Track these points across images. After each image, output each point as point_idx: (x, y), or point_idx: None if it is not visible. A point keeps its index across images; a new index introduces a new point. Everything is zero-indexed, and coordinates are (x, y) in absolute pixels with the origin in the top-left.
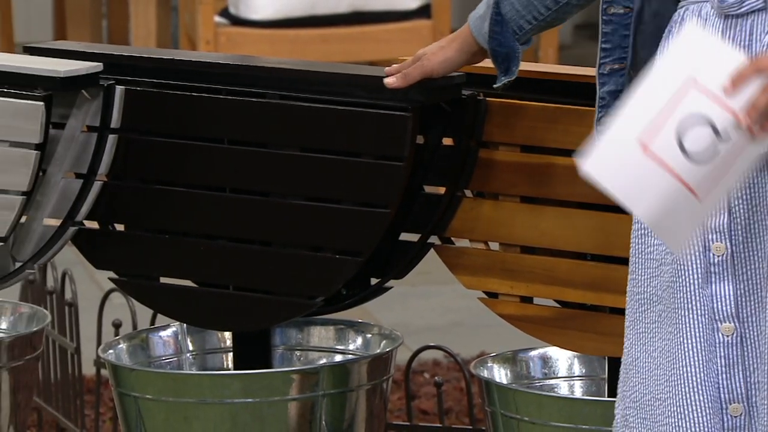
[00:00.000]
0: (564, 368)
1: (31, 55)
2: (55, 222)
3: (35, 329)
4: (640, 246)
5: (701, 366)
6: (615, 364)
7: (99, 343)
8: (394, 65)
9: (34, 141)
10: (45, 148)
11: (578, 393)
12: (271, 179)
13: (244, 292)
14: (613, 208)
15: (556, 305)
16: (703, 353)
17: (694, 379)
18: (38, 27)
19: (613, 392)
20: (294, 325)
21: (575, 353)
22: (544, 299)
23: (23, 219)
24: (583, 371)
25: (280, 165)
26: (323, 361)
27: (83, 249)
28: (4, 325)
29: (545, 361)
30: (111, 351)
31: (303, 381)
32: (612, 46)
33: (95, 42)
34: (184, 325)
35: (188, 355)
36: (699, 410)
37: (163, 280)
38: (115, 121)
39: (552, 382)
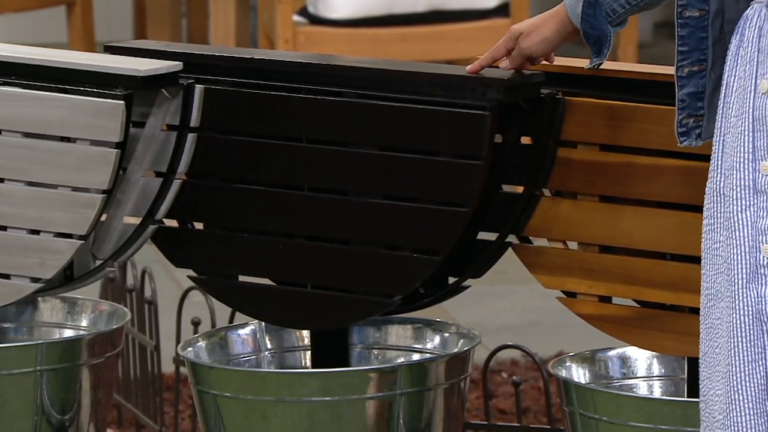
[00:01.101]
0: (643, 368)
1: (111, 54)
2: (135, 220)
3: (115, 327)
4: (708, 242)
5: (745, 366)
6: (694, 364)
7: (178, 340)
8: (496, 49)
9: (115, 139)
10: (125, 146)
11: (657, 393)
12: (349, 178)
13: (322, 290)
14: (693, 207)
15: (635, 305)
16: (747, 353)
17: (737, 377)
18: (118, 26)
19: (692, 392)
20: (372, 324)
21: (654, 353)
22: (623, 299)
23: (103, 217)
24: (663, 371)
25: (358, 164)
26: (401, 360)
27: (162, 247)
28: (84, 323)
29: (624, 361)
30: (190, 349)
31: (381, 380)
32: (689, 49)
33: (175, 41)
34: (263, 323)
35: (266, 353)
36: (741, 409)
37: (241, 278)
38: (194, 119)
39: (631, 382)
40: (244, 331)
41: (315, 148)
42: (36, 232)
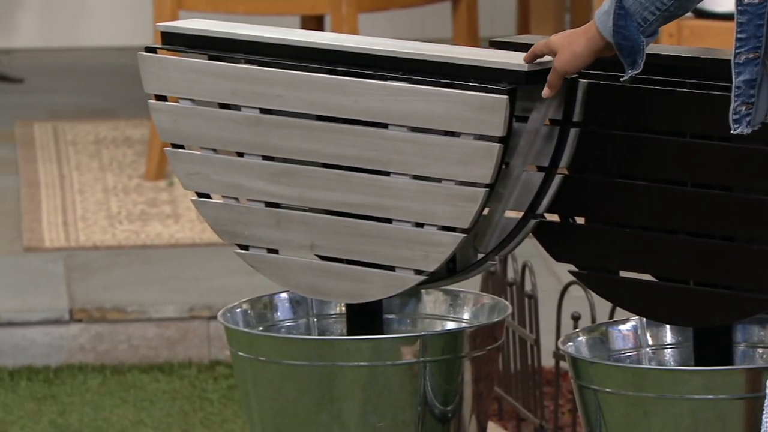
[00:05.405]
0: None
1: (496, 49)
2: (516, 214)
3: (496, 320)
4: None
5: None
6: None
7: (558, 335)
8: (535, 49)
9: (498, 134)
10: (508, 141)
11: None
12: (734, 174)
13: (705, 287)
14: None
15: None
16: None
17: None
18: (502, 21)
19: None
20: (756, 322)
21: None
22: None
23: (485, 211)
24: None
25: (742, 159)
26: None
27: (544, 241)
28: (466, 315)
29: None
30: (570, 343)
31: (766, 379)
32: (747, 36)
33: None
34: (644, 319)
35: (647, 349)
36: None
37: (623, 273)
38: (577, 114)
39: None
40: (625, 327)
41: (699, 144)
42: (420, 225)
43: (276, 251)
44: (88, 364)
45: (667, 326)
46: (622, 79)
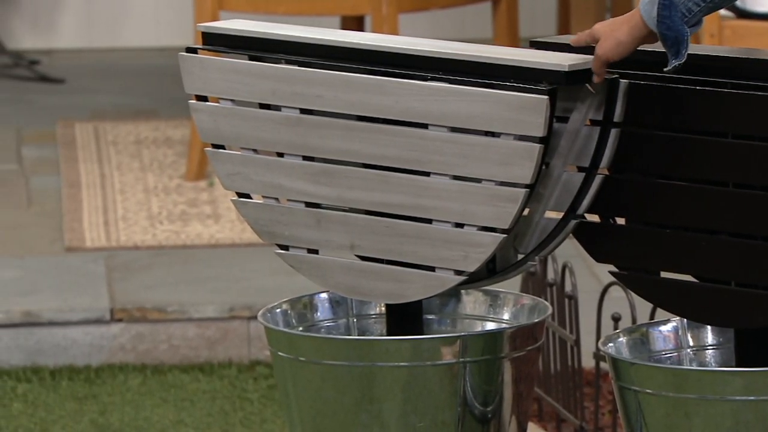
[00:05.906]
0: None
1: (536, 49)
2: (556, 215)
3: (536, 320)
4: None
5: None
6: None
7: (598, 336)
8: (578, 37)
9: (538, 134)
10: (548, 141)
11: None
12: None
13: (747, 288)
14: None
15: None
16: None
17: None
18: (542, 21)
19: None
20: None
21: None
22: None
23: (525, 211)
24: None
25: None
26: None
27: (584, 242)
28: (506, 316)
29: None
30: (611, 344)
31: None
32: None
33: None
34: (684, 320)
35: (688, 350)
36: None
37: (663, 274)
38: (618, 115)
39: None
40: (666, 328)
41: (740, 144)
42: (460, 225)
43: (316, 251)
44: (129, 363)
45: (708, 327)
46: (665, 69)
